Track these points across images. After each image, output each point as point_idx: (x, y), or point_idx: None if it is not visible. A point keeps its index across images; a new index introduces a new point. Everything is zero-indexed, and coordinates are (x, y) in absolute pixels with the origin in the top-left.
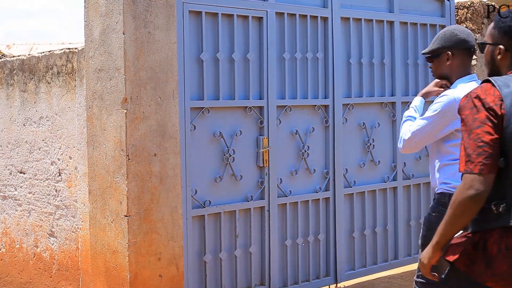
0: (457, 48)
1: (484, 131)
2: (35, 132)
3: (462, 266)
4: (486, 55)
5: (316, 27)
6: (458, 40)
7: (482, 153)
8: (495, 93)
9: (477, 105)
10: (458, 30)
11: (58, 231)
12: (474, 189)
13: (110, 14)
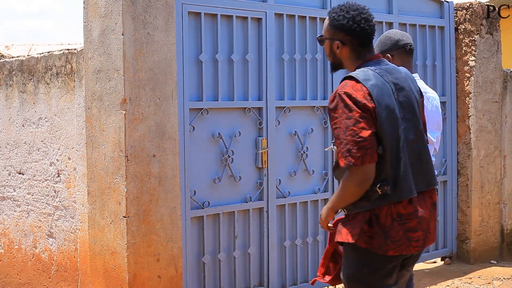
0: (394, 49)
1: (360, 127)
2: (34, 133)
3: (363, 244)
4: (326, 48)
5: (315, 28)
6: (393, 42)
7: (362, 148)
8: (363, 88)
9: (349, 104)
10: (391, 33)
11: (57, 232)
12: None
13: (109, 15)
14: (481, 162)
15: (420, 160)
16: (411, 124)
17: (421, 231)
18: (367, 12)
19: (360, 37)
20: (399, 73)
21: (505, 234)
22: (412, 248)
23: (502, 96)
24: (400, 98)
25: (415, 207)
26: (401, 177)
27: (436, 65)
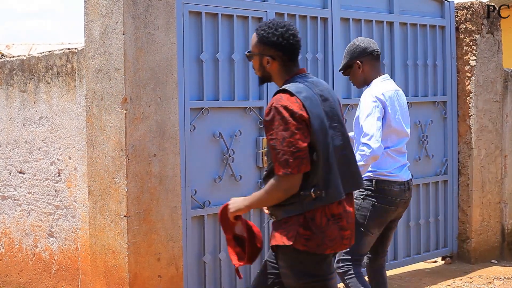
0: (362, 56)
1: (296, 138)
2: (35, 132)
3: (301, 247)
4: (254, 63)
5: (316, 28)
6: (361, 49)
7: (298, 158)
8: (297, 100)
9: (285, 116)
10: (359, 41)
11: (58, 231)
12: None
13: (110, 14)
14: (482, 161)
15: (348, 164)
16: (338, 131)
17: (350, 230)
18: (294, 29)
19: (289, 52)
20: (323, 85)
21: (506, 234)
22: (343, 245)
23: (503, 95)
24: (326, 108)
25: (344, 207)
26: (331, 181)
27: (437, 64)
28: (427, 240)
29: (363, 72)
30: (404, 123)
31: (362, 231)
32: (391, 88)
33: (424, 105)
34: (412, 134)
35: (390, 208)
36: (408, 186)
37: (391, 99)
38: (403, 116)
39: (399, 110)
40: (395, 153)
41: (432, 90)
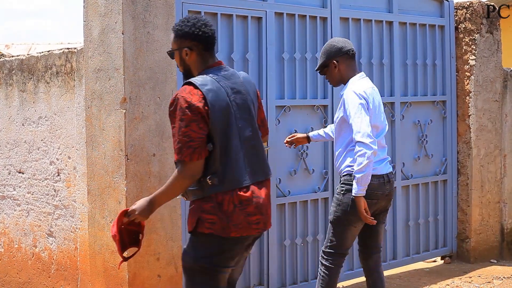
0: (338, 56)
1: (190, 129)
2: (34, 132)
3: (205, 230)
4: (176, 60)
5: (315, 27)
6: (337, 49)
7: (190, 147)
8: (198, 93)
9: (183, 107)
10: (335, 41)
11: (57, 231)
12: (189, 173)
13: (109, 14)
14: (481, 161)
15: (257, 153)
16: (248, 123)
17: (260, 215)
18: (206, 20)
19: (203, 41)
20: (237, 78)
21: (505, 233)
22: (253, 230)
23: (502, 95)
24: (237, 100)
25: (254, 194)
26: (228, 170)
27: (436, 64)
28: (426, 239)
29: (339, 71)
30: (383, 118)
31: (345, 225)
32: (369, 85)
33: (424, 104)
34: (411, 133)
35: (370, 201)
36: (388, 179)
37: (371, 96)
38: (381, 112)
39: (378, 107)
40: None
41: (432, 90)
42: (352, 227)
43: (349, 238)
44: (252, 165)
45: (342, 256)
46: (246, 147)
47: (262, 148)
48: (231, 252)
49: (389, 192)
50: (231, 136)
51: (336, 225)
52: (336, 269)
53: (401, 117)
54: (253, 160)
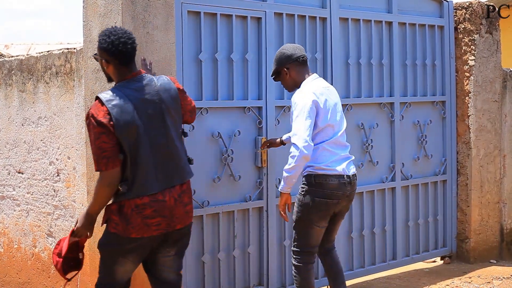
0: (289, 63)
1: (101, 140)
2: (34, 132)
3: (111, 229)
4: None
5: (314, 28)
6: (286, 56)
7: (104, 157)
8: (104, 109)
9: (92, 122)
10: (284, 48)
11: (57, 231)
12: (108, 182)
13: (109, 14)
14: (481, 161)
15: (172, 159)
16: (162, 131)
17: (160, 217)
18: (127, 36)
19: (118, 57)
20: (152, 88)
21: (505, 234)
22: (153, 231)
23: (502, 95)
24: (149, 110)
25: (155, 198)
26: (137, 179)
27: (435, 64)
28: (426, 240)
29: (291, 78)
30: (339, 117)
31: (308, 225)
32: (322, 85)
33: (423, 105)
34: (411, 134)
35: (331, 201)
36: (349, 180)
37: (323, 96)
38: (337, 110)
39: (332, 106)
40: (332, 145)
41: (431, 90)
42: (315, 226)
43: (313, 237)
44: (166, 172)
45: (309, 254)
46: (159, 155)
47: (178, 152)
48: (129, 249)
49: (350, 193)
50: (139, 146)
51: (299, 225)
52: (305, 267)
53: (400, 118)
54: (168, 166)
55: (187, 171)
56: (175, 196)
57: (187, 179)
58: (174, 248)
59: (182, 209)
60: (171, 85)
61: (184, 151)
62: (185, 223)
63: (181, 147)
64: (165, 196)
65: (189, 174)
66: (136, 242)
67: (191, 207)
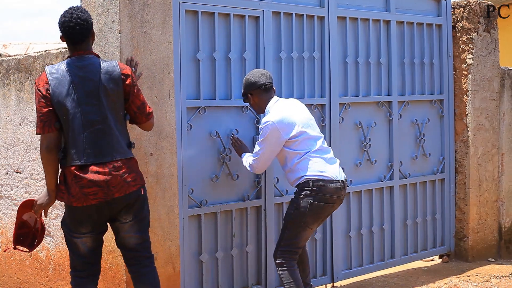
0: (252, 89)
1: (40, 105)
2: (32, 132)
3: (59, 198)
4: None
5: (312, 27)
6: (250, 83)
7: (42, 121)
8: (45, 79)
9: (35, 89)
10: (250, 75)
11: (55, 231)
12: (43, 144)
13: (106, 13)
14: (479, 160)
15: (103, 137)
16: (96, 108)
17: (96, 187)
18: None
19: (66, 35)
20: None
21: (503, 232)
22: (91, 200)
23: (500, 94)
24: (86, 87)
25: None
26: (69, 149)
27: (433, 63)
28: (424, 238)
29: (255, 103)
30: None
31: (301, 227)
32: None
33: (421, 103)
34: (409, 132)
35: (327, 205)
36: (343, 185)
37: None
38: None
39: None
40: (318, 152)
41: (429, 89)
42: (308, 228)
43: (304, 238)
44: (95, 147)
45: (296, 254)
46: (91, 130)
47: (112, 132)
48: (78, 220)
49: (342, 197)
50: (71, 119)
51: (292, 226)
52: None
53: (398, 116)
54: (98, 142)
55: (120, 151)
56: (110, 168)
57: (118, 158)
58: (129, 214)
59: (120, 179)
60: (115, 68)
61: (124, 134)
62: (125, 192)
63: (119, 129)
64: (99, 168)
65: (121, 155)
66: (80, 211)
67: (132, 177)
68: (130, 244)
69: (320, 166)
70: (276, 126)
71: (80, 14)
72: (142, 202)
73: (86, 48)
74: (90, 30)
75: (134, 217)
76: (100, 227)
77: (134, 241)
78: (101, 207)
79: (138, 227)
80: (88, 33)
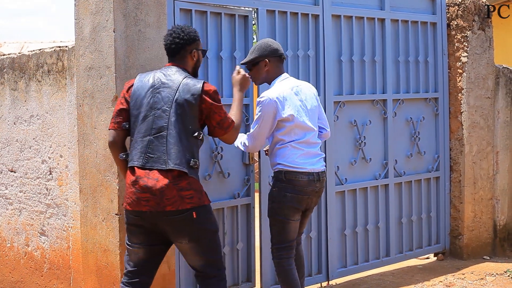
0: (271, 56)
1: (119, 102)
2: (26, 131)
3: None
4: None
5: (307, 25)
6: (272, 49)
7: (112, 116)
8: (133, 80)
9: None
10: (271, 41)
11: (49, 230)
12: (108, 138)
13: (101, 12)
14: (474, 158)
15: (165, 144)
16: (165, 115)
17: (150, 194)
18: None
19: (165, 48)
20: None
21: (498, 230)
22: (143, 206)
23: (495, 92)
24: (163, 93)
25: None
26: (131, 150)
27: (428, 61)
28: (419, 236)
29: (267, 71)
30: (310, 118)
31: (283, 221)
32: (290, 86)
33: (416, 101)
34: (404, 130)
35: (302, 196)
36: (318, 177)
37: (289, 97)
38: (305, 111)
39: (301, 106)
40: (303, 145)
41: (424, 87)
42: (290, 220)
43: (291, 231)
44: (157, 152)
45: (289, 249)
46: (157, 136)
47: (176, 141)
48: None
49: (318, 189)
50: (141, 120)
51: (275, 222)
52: (287, 262)
53: (393, 114)
54: (161, 148)
55: (176, 162)
56: (169, 179)
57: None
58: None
59: (176, 193)
60: (197, 84)
61: (187, 148)
62: (177, 207)
63: (183, 141)
64: (159, 175)
65: (177, 165)
66: (130, 220)
67: (189, 194)
68: (194, 265)
69: (297, 157)
70: (273, 102)
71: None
72: (197, 222)
73: (177, 61)
74: (185, 47)
75: (190, 239)
76: (153, 238)
77: (197, 263)
78: (152, 217)
79: (197, 249)
80: (181, 50)
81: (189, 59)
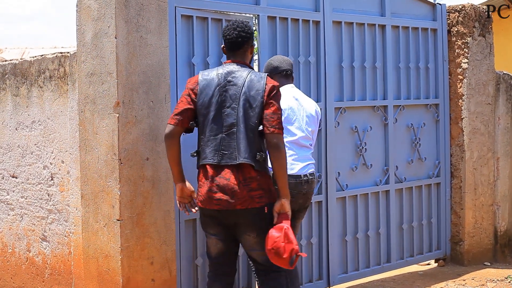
0: (273, 74)
1: (181, 100)
2: (28, 136)
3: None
4: None
5: (308, 31)
6: (272, 67)
7: (173, 112)
8: (196, 79)
9: (185, 86)
10: (274, 59)
11: (51, 236)
12: (166, 131)
13: (102, 18)
14: (474, 164)
15: (235, 140)
16: (234, 112)
17: (222, 193)
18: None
19: (225, 42)
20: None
21: (499, 236)
22: (214, 205)
23: (495, 98)
24: (230, 91)
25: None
26: (203, 148)
27: (429, 67)
28: (420, 242)
29: None
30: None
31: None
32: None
33: (417, 108)
34: (404, 136)
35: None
36: (306, 179)
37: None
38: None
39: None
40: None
41: (424, 93)
42: None
43: None
44: (229, 148)
45: None
46: (228, 132)
47: (244, 136)
48: (205, 220)
49: (306, 192)
50: (212, 119)
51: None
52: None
53: (394, 121)
54: (232, 145)
55: (244, 156)
56: (240, 179)
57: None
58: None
59: (246, 194)
60: (261, 79)
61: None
62: (246, 206)
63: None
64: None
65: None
66: (205, 212)
67: (259, 194)
68: (258, 259)
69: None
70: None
71: (240, 27)
72: (267, 217)
73: (240, 57)
74: (249, 41)
75: (258, 234)
76: (226, 232)
77: (262, 257)
78: (224, 213)
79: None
80: (245, 44)
81: (249, 53)
